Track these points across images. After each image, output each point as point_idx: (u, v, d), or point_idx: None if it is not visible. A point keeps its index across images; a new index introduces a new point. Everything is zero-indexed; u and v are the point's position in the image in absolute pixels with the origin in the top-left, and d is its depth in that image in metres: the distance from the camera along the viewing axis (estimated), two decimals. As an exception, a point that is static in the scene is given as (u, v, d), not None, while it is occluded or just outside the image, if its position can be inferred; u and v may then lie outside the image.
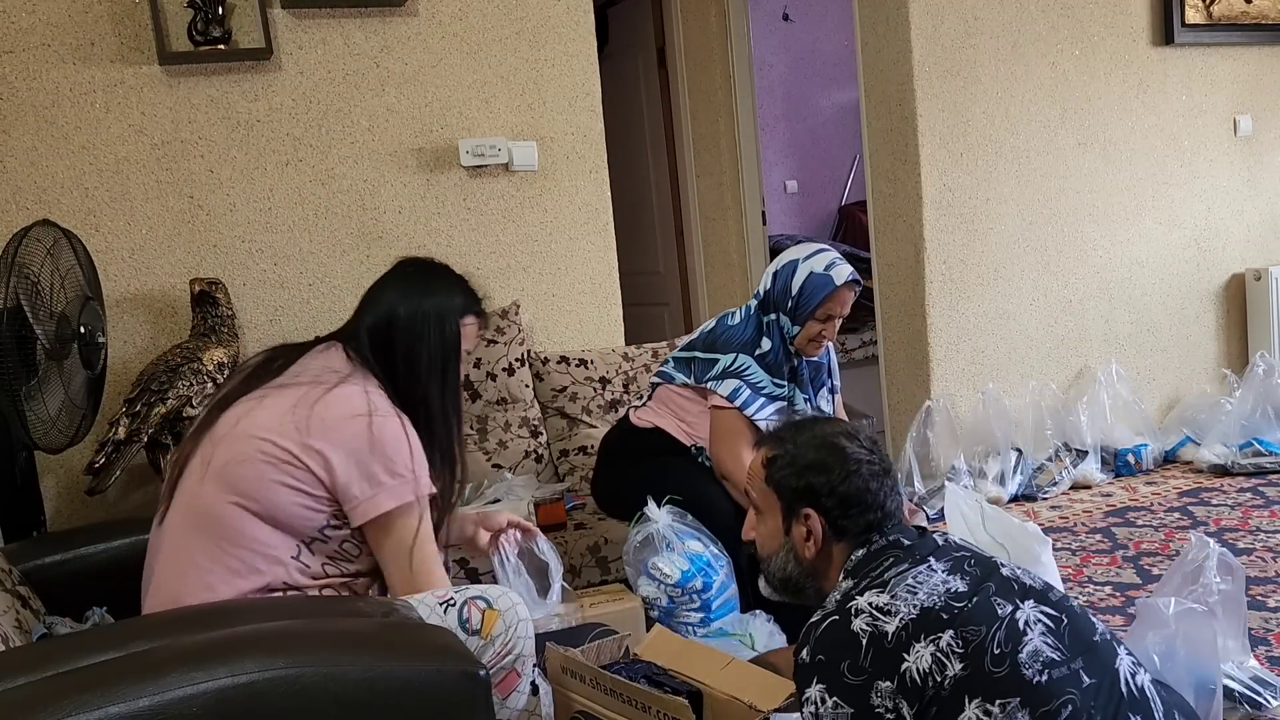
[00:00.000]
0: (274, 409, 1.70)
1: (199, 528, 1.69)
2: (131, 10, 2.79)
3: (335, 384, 1.72)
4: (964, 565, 1.52)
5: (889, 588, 1.47)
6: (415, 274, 1.88)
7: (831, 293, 2.44)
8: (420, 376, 1.79)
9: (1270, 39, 4.40)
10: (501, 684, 1.67)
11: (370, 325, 1.81)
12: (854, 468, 1.63)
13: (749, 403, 2.45)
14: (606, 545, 2.51)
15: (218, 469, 1.69)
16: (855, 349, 5.18)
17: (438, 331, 1.81)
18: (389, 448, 1.68)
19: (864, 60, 4.02)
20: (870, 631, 1.43)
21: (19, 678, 1.26)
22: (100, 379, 2.45)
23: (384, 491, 1.68)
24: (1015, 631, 1.41)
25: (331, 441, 1.66)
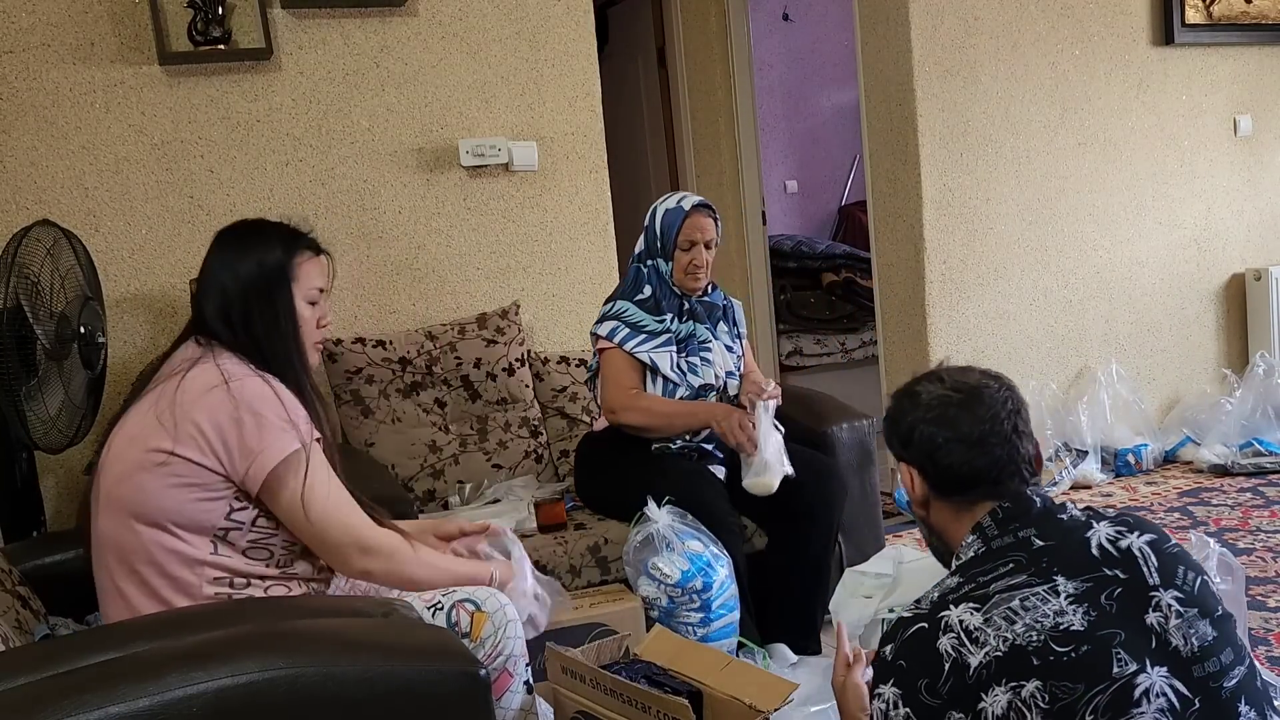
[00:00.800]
0: (137, 416, 1.68)
1: (116, 562, 1.66)
2: (131, 10, 2.79)
3: (188, 369, 1.68)
4: (1101, 595, 1.29)
5: (986, 607, 1.29)
6: (230, 241, 1.80)
7: (684, 219, 2.60)
8: (260, 337, 1.73)
9: (1270, 39, 4.40)
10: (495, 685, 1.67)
11: (209, 310, 1.75)
12: (927, 410, 1.46)
13: (627, 339, 2.59)
14: (606, 545, 2.51)
15: (105, 497, 1.66)
16: (855, 349, 5.19)
17: (265, 292, 1.75)
18: (254, 404, 1.63)
19: (864, 60, 4.02)
20: (954, 658, 1.28)
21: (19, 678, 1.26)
22: (100, 379, 2.45)
23: (266, 449, 1.62)
24: (1125, 699, 1.22)
25: (199, 421, 1.61)
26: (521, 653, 1.72)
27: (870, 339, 4.94)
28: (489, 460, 2.92)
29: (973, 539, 1.42)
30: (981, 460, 1.42)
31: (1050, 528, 1.38)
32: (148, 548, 1.63)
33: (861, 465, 2.73)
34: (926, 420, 1.46)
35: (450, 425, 2.93)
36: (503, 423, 2.97)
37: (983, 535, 1.41)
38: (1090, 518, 1.40)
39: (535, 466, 2.96)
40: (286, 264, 1.78)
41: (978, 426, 1.43)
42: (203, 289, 1.78)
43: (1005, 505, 1.41)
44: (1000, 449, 1.43)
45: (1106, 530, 1.36)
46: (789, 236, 5.53)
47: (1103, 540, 1.35)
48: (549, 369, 3.08)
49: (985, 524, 1.41)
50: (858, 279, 5.19)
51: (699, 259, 2.61)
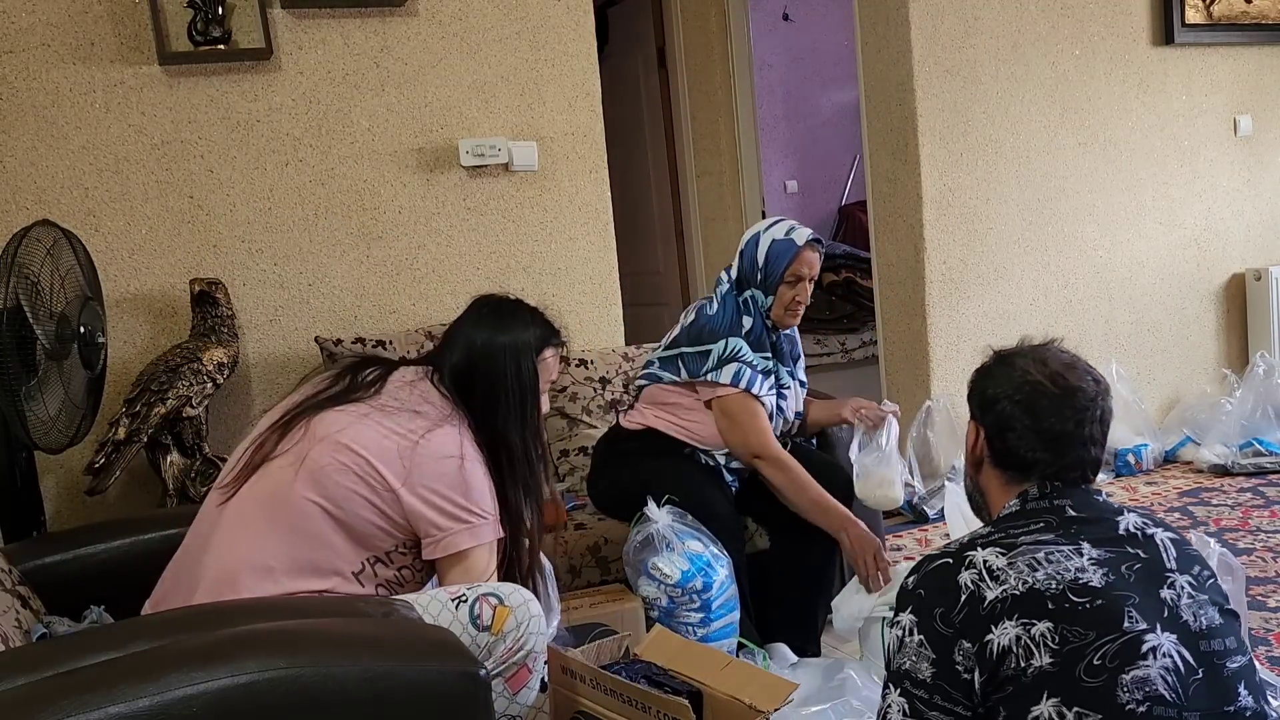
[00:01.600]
0: (377, 430, 1.76)
1: (278, 514, 1.73)
2: (131, 10, 2.79)
3: (435, 423, 1.78)
4: (1121, 565, 1.35)
5: (1011, 553, 1.35)
6: (489, 313, 1.93)
7: (796, 254, 2.49)
8: (499, 416, 1.85)
9: (1270, 39, 4.40)
10: (513, 679, 1.68)
11: (452, 364, 1.87)
12: (1018, 391, 1.46)
13: (753, 382, 2.45)
14: (606, 545, 2.51)
15: (312, 469, 1.73)
16: (855, 349, 5.19)
17: (514, 370, 1.87)
18: (474, 490, 1.77)
19: (864, 60, 4.02)
20: (972, 590, 1.33)
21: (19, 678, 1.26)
22: (100, 379, 2.45)
23: (466, 530, 1.76)
24: (1132, 652, 1.28)
25: (426, 479, 1.74)
26: (542, 650, 1.74)
27: (870, 339, 4.94)
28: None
29: (1014, 503, 1.47)
30: (1049, 456, 1.45)
31: (1086, 503, 1.44)
32: (318, 530, 1.72)
33: (862, 465, 2.73)
34: (1014, 400, 1.47)
35: (450, 425, 2.93)
36: (503, 423, 2.96)
37: (1023, 499, 1.47)
38: (1124, 507, 1.46)
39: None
40: (540, 348, 1.92)
41: (1060, 425, 1.45)
42: (449, 345, 1.90)
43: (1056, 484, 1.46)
44: (1074, 453, 1.46)
45: (1135, 519, 1.42)
46: (789, 236, 5.53)
47: (1131, 525, 1.41)
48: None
49: (1029, 493, 1.47)
50: (858, 279, 5.19)
51: (803, 296, 2.52)
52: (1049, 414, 1.45)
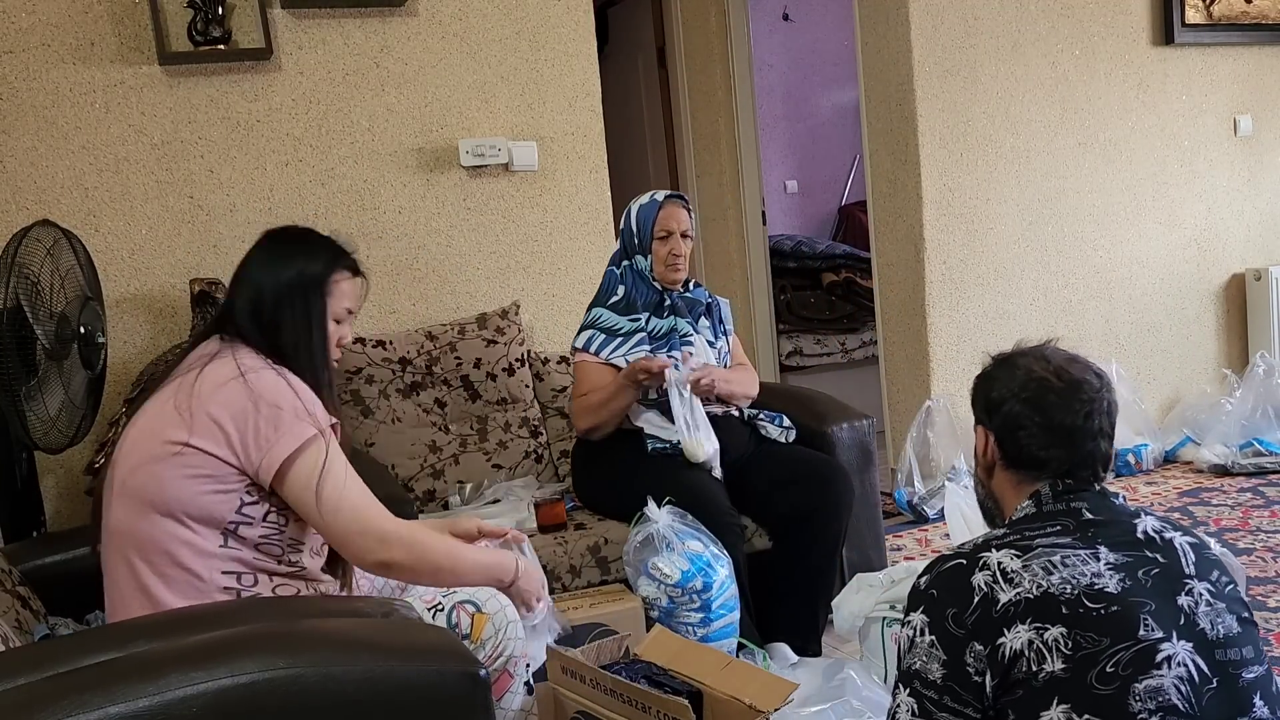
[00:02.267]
0: (153, 408, 1.69)
1: (129, 550, 1.66)
2: (131, 10, 2.79)
3: (207, 363, 1.70)
4: (1139, 570, 1.33)
5: (1026, 556, 1.33)
6: (275, 245, 1.83)
7: (659, 210, 2.68)
8: (285, 338, 1.75)
9: (1270, 39, 4.40)
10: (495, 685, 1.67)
11: (240, 307, 1.77)
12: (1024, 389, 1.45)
13: (603, 346, 2.66)
14: (606, 545, 2.51)
15: (120, 486, 1.67)
16: (855, 349, 5.18)
17: (301, 301, 1.77)
18: (271, 395, 1.65)
19: (864, 60, 4.02)
20: (985, 592, 1.32)
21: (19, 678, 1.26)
22: (100, 379, 2.45)
23: (281, 438, 1.63)
24: (1147, 660, 1.26)
25: (215, 413, 1.63)
26: (521, 654, 1.73)
27: (870, 339, 4.94)
28: (489, 460, 2.92)
29: (1028, 504, 1.45)
30: (1064, 453, 1.44)
31: (1102, 506, 1.42)
32: (160, 537, 1.63)
33: (861, 465, 2.73)
34: (1021, 398, 1.46)
35: (450, 425, 2.93)
36: (503, 423, 2.97)
37: (1037, 500, 1.45)
38: (1141, 510, 1.44)
39: (535, 466, 2.96)
40: (325, 277, 1.79)
41: (1069, 419, 1.44)
42: (237, 284, 1.79)
43: (1067, 481, 1.44)
44: (1084, 444, 1.44)
45: (1153, 521, 1.40)
46: (789, 236, 5.53)
47: (1149, 529, 1.39)
48: (549, 369, 3.08)
49: (1043, 493, 1.44)
50: (858, 279, 5.19)
51: (677, 249, 2.67)
52: (1058, 409, 1.44)
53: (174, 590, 1.63)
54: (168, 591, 1.63)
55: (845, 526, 2.57)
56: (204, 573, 1.64)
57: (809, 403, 2.91)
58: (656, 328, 2.68)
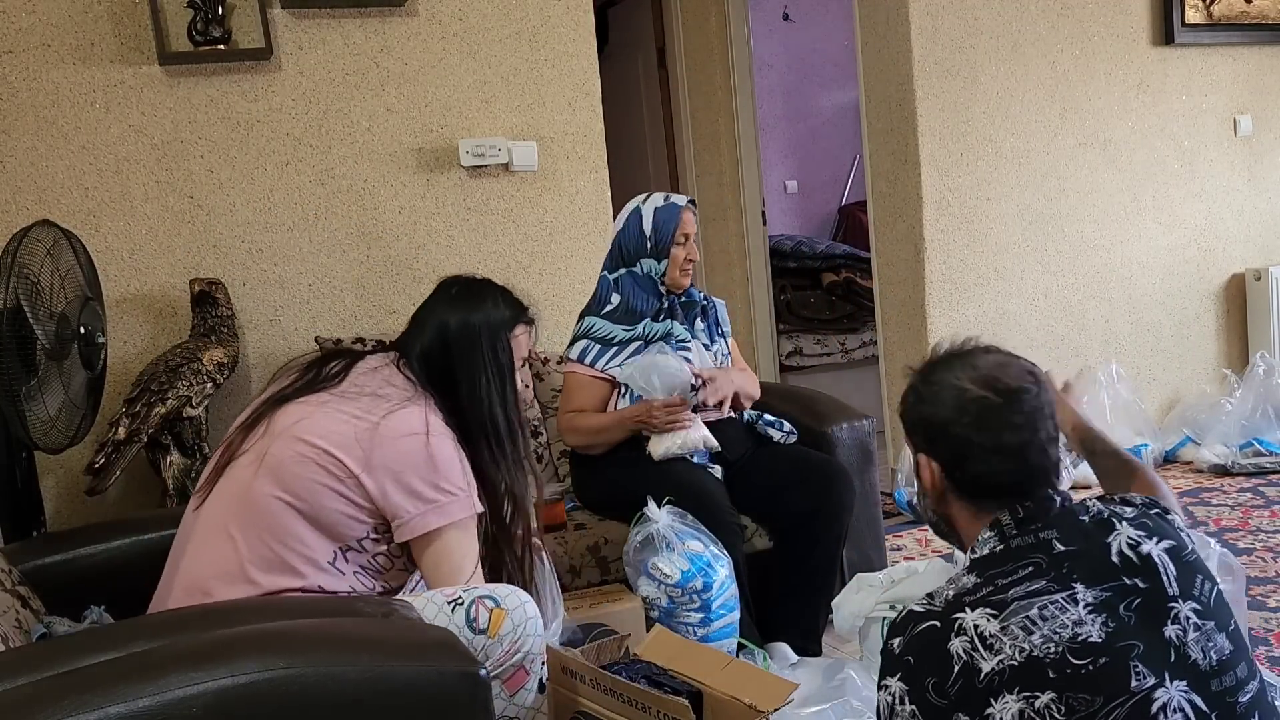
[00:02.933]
0: (335, 418, 1.74)
1: (243, 516, 1.72)
2: (131, 10, 2.79)
3: (398, 404, 1.76)
4: (1120, 606, 1.25)
5: (1004, 615, 1.24)
6: (460, 292, 1.93)
7: (680, 215, 2.65)
8: (481, 396, 1.83)
9: (1270, 39, 4.40)
10: (510, 681, 1.68)
11: (423, 347, 1.85)
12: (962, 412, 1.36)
13: (598, 356, 2.63)
14: (606, 545, 2.51)
15: (272, 464, 1.72)
16: (855, 349, 5.18)
17: (490, 348, 1.86)
18: (441, 466, 1.73)
19: (864, 60, 4.02)
20: (965, 660, 1.24)
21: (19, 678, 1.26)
22: (100, 379, 2.44)
23: (434, 509, 1.72)
24: (1142, 713, 1.20)
25: (388, 460, 1.71)
26: (540, 651, 1.73)
27: (870, 339, 4.94)
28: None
29: (990, 535, 1.36)
30: (1017, 472, 1.35)
31: (1071, 531, 1.32)
32: (284, 526, 1.70)
33: (861, 465, 2.73)
34: (962, 424, 1.36)
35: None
36: (503, 423, 2.96)
37: (1001, 534, 1.35)
38: (1112, 516, 1.34)
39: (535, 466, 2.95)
40: (512, 326, 1.91)
41: (1016, 436, 1.35)
42: (420, 327, 1.89)
43: (1026, 504, 1.35)
44: (1036, 459, 1.36)
45: (1128, 533, 1.31)
46: (789, 236, 5.53)
47: (1123, 546, 1.30)
48: (549, 369, 3.08)
49: (1005, 522, 1.35)
50: (858, 279, 5.19)
51: (692, 253, 2.67)
52: (1004, 429, 1.34)
53: (265, 575, 1.69)
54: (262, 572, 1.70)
55: (846, 527, 2.57)
56: (303, 576, 1.71)
57: (809, 403, 2.91)
58: (652, 332, 2.66)
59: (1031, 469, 1.36)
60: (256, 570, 1.70)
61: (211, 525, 1.74)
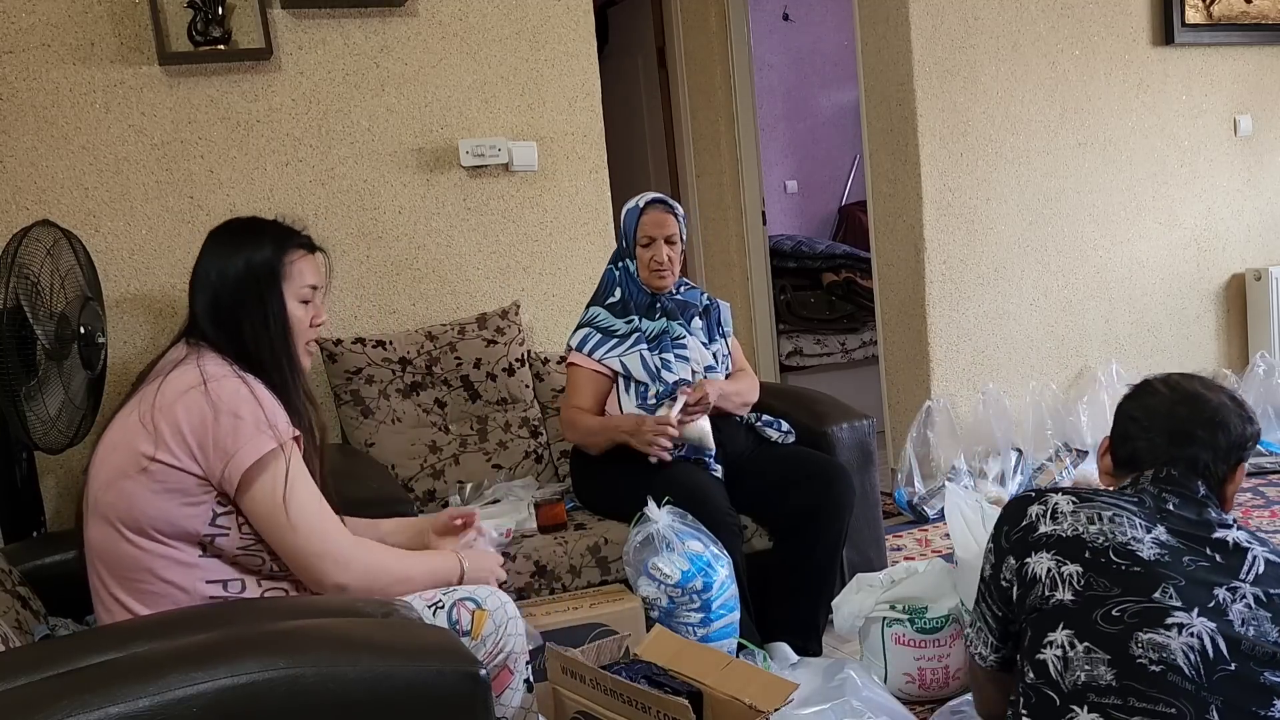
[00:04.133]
0: (120, 421, 1.68)
1: (107, 570, 1.66)
2: (131, 10, 2.79)
3: (169, 371, 1.68)
4: (1184, 557, 1.42)
5: (1082, 504, 1.49)
6: (221, 239, 1.79)
7: (639, 216, 2.66)
8: (248, 338, 1.72)
9: (1270, 39, 4.39)
10: (495, 681, 1.68)
11: (200, 311, 1.75)
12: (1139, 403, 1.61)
13: (598, 346, 2.66)
14: (606, 545, 2.51)
15: (94, 504, 1.65)
16: (855, 349, 5.18)
17: (254, 291, 1.74)
18: (228, 404, 1.62)
19: (864, 60, 4.02)
20: (1033, 520, 1.51)
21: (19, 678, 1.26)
22: (100, 379, 2.45)
23: (241, 449, 1.61)
24: (1155, 618, 1.36)
25: (177, 423, 1.61)
26: (522, 650, 1.73)
27: (870, 339, 4.94)
28: (489, 460, 2.92)
29: (1127, 483, 1.59)
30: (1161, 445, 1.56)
31: (1192, 507, 1.50)
32: (139, 556, 1.62)
33: (861, 465, 2.73)
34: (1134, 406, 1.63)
35: (450, 425, 2.93)
36: (503, 423, 2.97)
37: (1135, 481, 1.58)
38: (1235, 522, 1.50)
39: (535, 466, 2.96)
40: (277, 262, 1.76)
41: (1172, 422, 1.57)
42: (193, 287, 1.77)
43: (1170, 472, 1.54)
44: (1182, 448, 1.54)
45: (1241, 535, 1.47)
46: (789, 236, 5.53)
47: (1230, 538, 1.46)
48: (549, 369, 3.08)
49: (1143, 476, 1.57)
50: (858, 279, 5.19)
51: (659, 256, 2.65)
52: (1161, 413, 1.57)
53: (156, 607, 1.63)
54: (148, 610, 1.63)
55: (846, 526, 2.57)
56: (187, 584, 1.63)
57: (809, 403, 2.91)
58: (649, 330, 2.68)
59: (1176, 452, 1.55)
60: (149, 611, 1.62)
61: (97, 598, 1.68)
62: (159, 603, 1.63)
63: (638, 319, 2.68)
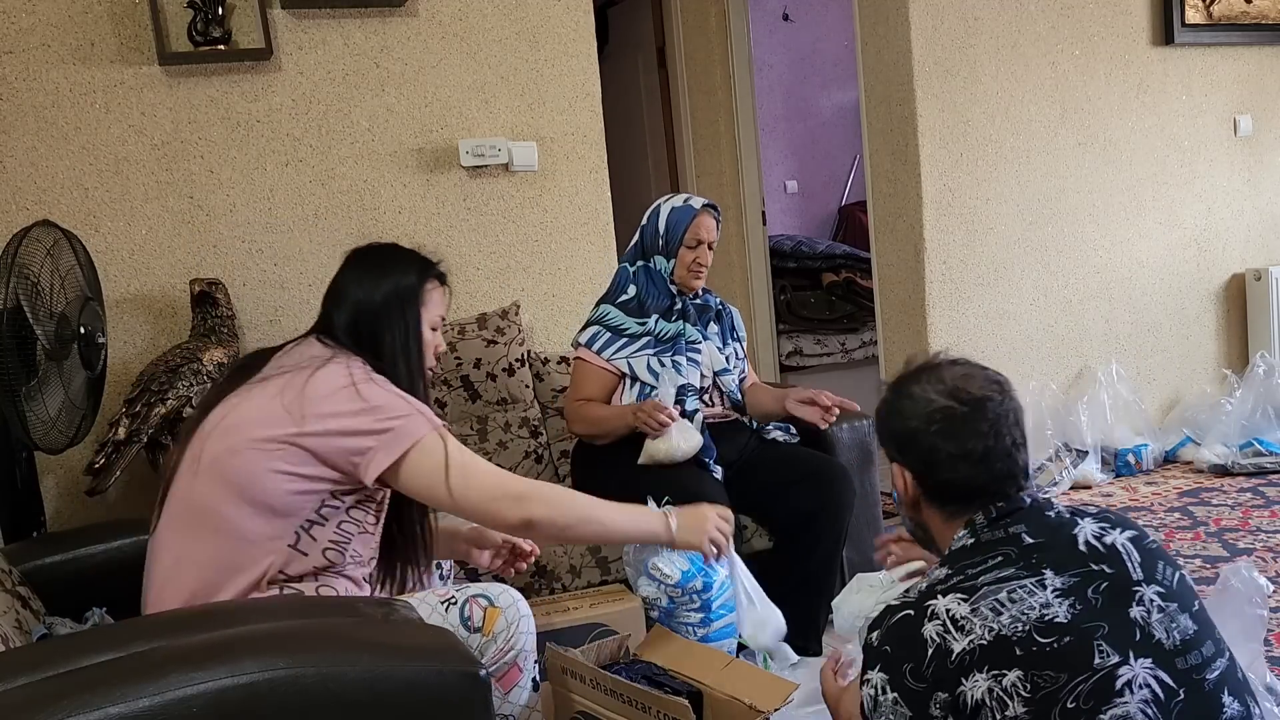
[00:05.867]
0: (260, 399, 1.73)
1: (194, 525, 1.70)
2: (131, 10, 2.79)
3: (319, 366, 1.75)
4: (1088, 589, 1.30)
5: (973, 598, 1.31)
6: (367, 261, 1.91)
7: (693, 218, 2.64)
8: (387, 359, 1.82)
9: (1270, 39, 4.40)
10: (504, 679, 1.69)
11: (343, 319, 1.84)
12: (929, 421, 1.43)
13: (606, 345, 2.65)
14: (606, 545, 2.51)
15: (208, 464, 1.70)
16: (855, 349, 5.19)
17: (399, 312, 1.85)
18: (379, 400, 1.71)
19: (864, 60, 4.02)
20: (939, 643, 1.30)
21: (19, 678, 1.26)
22: (100, 379, 2.45)
23: (390, 435, 1.69)
24: (1106, 690, 1.24)
25: (324, 415, 1.68)
26: (531, 649, 1.74)
27: (870, 339, 4.94)
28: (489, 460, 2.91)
29: (964, 533, 1.43)
30: (983, 476, 1.42)
31: (1039, 525, 1.39)
32: (235, 522, 1.68)
33: (861, 465, 2.74)
34: (929, 431, 1.44)
35: (450, 425, 2.93)
36: (503, 423, 2.97)
37: (973, 529, 1.42)
38: (1074, 514, 1.41)
39: (535, 467, 2.96)
40: (419, 288, 1.88)
41: (981, 442, 1.42)
42: (333, 299, 1.87)
43: (999, 504, 1.42)
44: (1001, 464, 1.42)
45: (1091, 527, 1.38)
46: (789, 236, 5.53)
47: (1089, 536, 1.37)
48: (549, 369, 3.08)
49: (978, 521, 1.42)
50: (858, 279, 5.20)
51: (703, 258, 2.66)
52: (967, 435, 1.42)
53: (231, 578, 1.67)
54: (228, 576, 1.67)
55: (846, 526, 2.58)
56: (264, 561, 1.69)
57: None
58: (663, 331, 2.67)
59: (996, 473, 1.42)
60: (222, 575, 1.67)
61: (169, 543, 1.72)
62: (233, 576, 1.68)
63: (653, 320, 2.67)
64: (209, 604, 1.64)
